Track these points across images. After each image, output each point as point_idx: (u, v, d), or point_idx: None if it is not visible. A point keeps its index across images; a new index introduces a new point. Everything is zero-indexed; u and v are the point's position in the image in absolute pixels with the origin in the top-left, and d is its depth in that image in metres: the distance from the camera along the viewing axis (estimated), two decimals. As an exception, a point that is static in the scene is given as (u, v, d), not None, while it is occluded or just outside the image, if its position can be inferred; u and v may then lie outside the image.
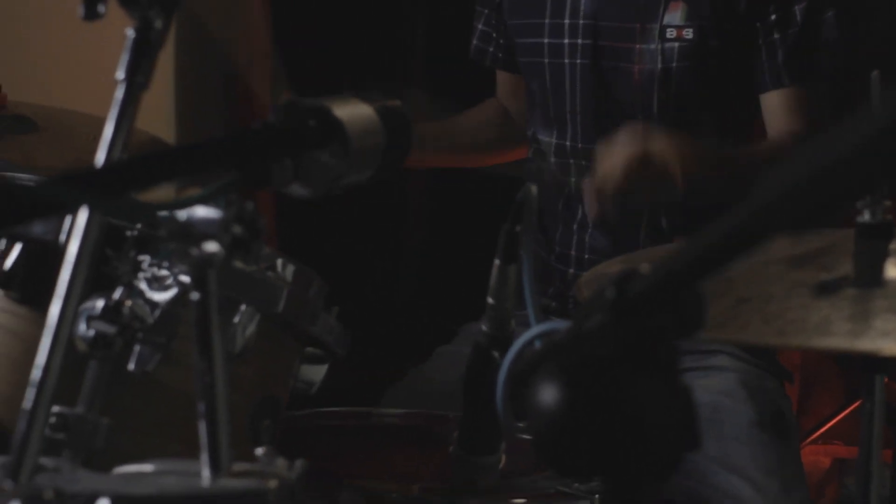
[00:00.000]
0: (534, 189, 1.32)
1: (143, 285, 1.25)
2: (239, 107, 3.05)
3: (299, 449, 1.13)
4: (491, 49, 2.43)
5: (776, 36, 2.14)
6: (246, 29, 2.39)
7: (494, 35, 2.42)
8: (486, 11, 2.40)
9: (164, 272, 1.26)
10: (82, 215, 1.06)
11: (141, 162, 0.97)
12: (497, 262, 1.39)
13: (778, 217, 0.76)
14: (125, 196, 0.91)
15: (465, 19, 2.52)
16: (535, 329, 1.19)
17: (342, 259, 2.82)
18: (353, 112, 1.08)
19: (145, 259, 1.27)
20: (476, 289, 1.76)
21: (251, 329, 1.35)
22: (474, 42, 2.46)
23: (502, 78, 2.49)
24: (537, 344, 1.23)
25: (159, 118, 2.70)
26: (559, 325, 1.25)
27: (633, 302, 0.83)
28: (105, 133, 1.06)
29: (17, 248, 1.32)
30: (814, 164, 0.74)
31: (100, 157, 1.05)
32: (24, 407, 1.01)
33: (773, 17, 2.13)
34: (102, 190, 0.90)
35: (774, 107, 2.17)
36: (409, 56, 3.61)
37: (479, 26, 2.44)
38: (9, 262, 1.32)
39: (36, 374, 1.02)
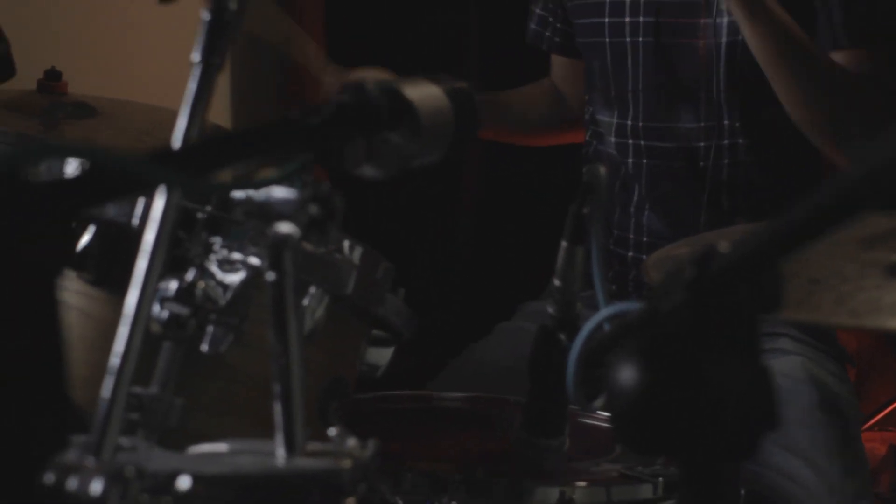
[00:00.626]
0: (602, 169, 1.32)
1: (214, 267, 1.26)
2: (294, 80, 3.05)
3: (363, 432, 1.13)
4: (548, 33, 2.43)
5: None
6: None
7: (552, 19, 2.41)
8: None
9: (235, 255, 1.27)
10: (158, 198, 1.07)
11: (215, 142, 0.97)
12: (564, 243, 1.38)
13: (865, 195, 0.75)
14: (203, 176, 0.92)
15: (519, 2, 2.52)
16: (606, 311, 1.19)
17: (398, 241, 2.82)
18: (423, 93, 1.08)
19: (216, 241, 1.28)
20: (534, 269, 1.75)
21: (320, 311, 1.35)
22: (532, 26, 2.45)
23: (557, 63, 2.48)
24: (606, 327, 1.23)
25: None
26: (630, 306, 1.24)
27: (714, 280, 0.83)
28: (180, 116, 1.06)
29: (90, 230, 1.33)
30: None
31: (176, 140, 1.06)
32: (102, 391, 1.02)
33: None
34: (180, 169, 0.91)
35: None
36: (463, 41, 3.60)
37: (537, 10, 2.43)
38: (82, 244, 1.34)
39: (115, 360, 1.03)
